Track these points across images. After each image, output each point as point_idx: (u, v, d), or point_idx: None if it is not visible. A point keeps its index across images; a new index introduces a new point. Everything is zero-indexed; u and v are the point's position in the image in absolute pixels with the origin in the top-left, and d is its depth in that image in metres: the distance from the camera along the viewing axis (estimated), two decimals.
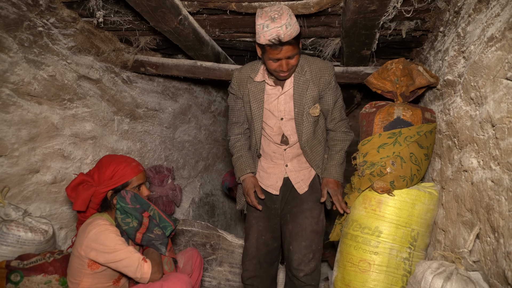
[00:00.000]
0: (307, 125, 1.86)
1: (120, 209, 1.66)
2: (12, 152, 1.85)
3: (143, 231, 1.67)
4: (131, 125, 2.92)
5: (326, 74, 1.82)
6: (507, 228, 1.15)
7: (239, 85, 1.90)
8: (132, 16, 2.22)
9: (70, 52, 2.22)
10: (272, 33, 1.53)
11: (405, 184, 1.78)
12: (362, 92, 4.36)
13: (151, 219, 1.71)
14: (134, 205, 1.67)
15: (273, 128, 1.90)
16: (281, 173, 1.98)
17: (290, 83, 1.83)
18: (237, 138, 2.03)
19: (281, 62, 1.64)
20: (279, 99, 1.85)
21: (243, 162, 1.97)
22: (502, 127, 1.22)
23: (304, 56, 1.85)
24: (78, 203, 1.63)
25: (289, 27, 1.53)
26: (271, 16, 1.53)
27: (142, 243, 1.69)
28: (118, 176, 1.69)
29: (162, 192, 3.09)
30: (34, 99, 1.97)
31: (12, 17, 1.82)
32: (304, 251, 1.84)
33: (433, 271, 1.24)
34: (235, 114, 2.00)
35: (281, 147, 1.94)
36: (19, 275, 1.57)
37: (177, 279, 1.60)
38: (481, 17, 1.46)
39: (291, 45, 1.58)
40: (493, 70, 1.30)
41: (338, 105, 1.93)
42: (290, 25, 1.54)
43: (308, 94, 1.82)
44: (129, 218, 1.66)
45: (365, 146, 1.91)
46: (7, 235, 1.66)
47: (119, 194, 1.68)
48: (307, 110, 1.83)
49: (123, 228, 1.65)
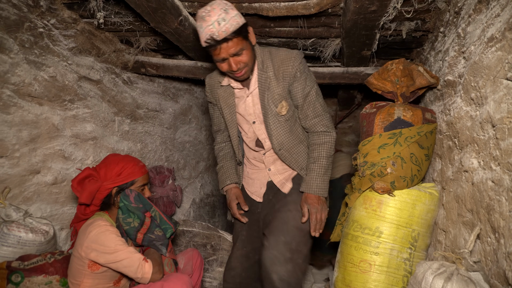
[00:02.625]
0: (278, 127, 1.68)
1: (123, 207, 1.66)
2: (13, 153, 1.85)
3: (144, 231, 1.68)
4: (131, 126, 2.92)
5: (289, 65, 1.61)
6: (507, 229, 1.15)
7: (211, 92, 1.81)
8: (132, 17, 2.23)
9: (70, 53, 2.22)
10: (206, 33, 1.41)
11: (406, 185, 1.78)
12: (362, 93, 4.36)
13: (152, 219, 1.72)
14: (137, 204, 1.69)
15: (248, 134, 1.78)
16: (264, 178, 1.84)
17: (255, 82, 1.68)
18: (220, 147, 1.94)
19: (229, 61, 1.50)
20: (246, 102, 1.72)
21: (224, 172, 1.87)
22: (503, 127, 1.22)
23: (268, 49, 1.68)
24: (84, 196, 1.64)
25: (223, 22, 1.40)
26: (201, 16, 1.43)
27: (143, 244, 1.69)
28: (126, 174, 1.72)
29: (162, 193, 3.09)
30: (35, 100, 1.97)
31: (12, 18, 1.82)
32: (282, 248, 1.56)
33: (433, 271, 1.24)
34: (215, 122, 1.90)
35: (260, 152, 1.80)
36: (20, 275, 1.57)
37: (177, 279, 1.60)
38: (481, 17, 1.46)
39: (231, 41, 1.44)
40: (493, 71, 1.30)
41: (310, 99, 1.67)
42: (224, 20, 1.40)
43: (271, 91, 1.65)
44: (131, 217, 1.67)
45: (366, 146, 1.90)
46: (8, 236, 1.66)
47: (123, 192, 1.70)
48: (273, 110, 1.66)
49: (124, 228, 1.66)
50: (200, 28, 1.44)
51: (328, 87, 3.77)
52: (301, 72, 1.64)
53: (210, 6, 1.44)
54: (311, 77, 1.70)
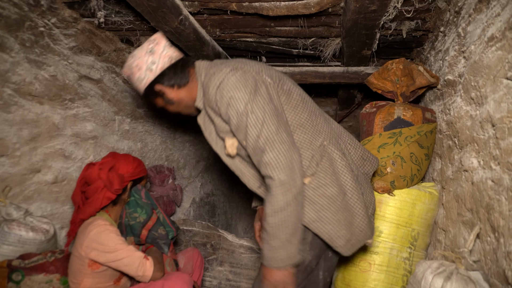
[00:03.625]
0: (241, 168, 1.37)
1: (133, 201, 1.74)
2: (14, 152, 1.85)
3: (149, 228, 1.72)
4: (132, 125, 2.92)
5: (212, 90, 1.23)
6: (507, 228, 1.15)
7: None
8: (133, 16, 2.23)
9: (71, 52, 2.22)
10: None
11: (406, 184, 1.78)
12: (362, 92, 4.36)
13: (158, 218, 1.76)
14: (147, 200, 1.79)
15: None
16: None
17: (200, 118, 1.45)
18: None
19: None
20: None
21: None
22: (503, 127, 1.22)
23: (213, 69, 1.30)
24: (112, 186, 1.70)
25: (137, 82, 1.39)
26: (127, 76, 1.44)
27: (146, 240, 1.72)
28: (139, 170, 1.83)
29: (162, 192, 3.09)
30: (36, 99, 1.97)
31: (13, 17, 1.82)
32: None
33: (433, 270, 1.24)
34: None
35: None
36: (21, 274, 1.57)
37: (178, 278, 1.60)
38: (481, 17, 1.46)
39: (149, 100, 1.44)
40: (494, 70, 1.31)
41: (241, 129, 1.19)
42: (139, 80, 1.38)
43: (210, 128, 1.38)
44: (137, 212, 1.72)
45: (366, 146, 1.91)
46: (8, 234, 1.66)
47: (135, 187, 1.80)
48: (222, 151, 1.37)
49: (129, 223, 1.69)
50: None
51: (328, 87, 3.78)
52: (220, 96, 1.20)
53: (128, 65, 1.42)
54: (241, 97, 1.18)
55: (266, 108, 1.17)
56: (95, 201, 1.68)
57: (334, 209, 1.25)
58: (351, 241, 1.28)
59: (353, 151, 1.41)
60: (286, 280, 1.17)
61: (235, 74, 1.21)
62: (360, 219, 1.28)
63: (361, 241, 1.31)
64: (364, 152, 1.45)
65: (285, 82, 1.33)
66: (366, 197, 1.36)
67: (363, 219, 1.29)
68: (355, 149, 1.42)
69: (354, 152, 1.41)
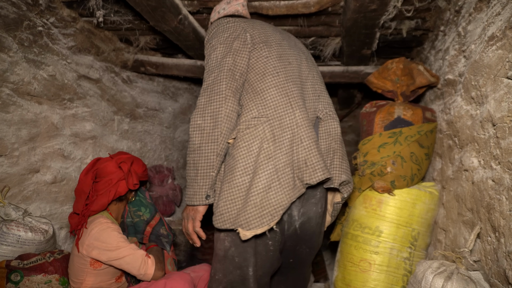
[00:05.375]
0: None
1: (138, 201, 1.81)
2: (12, 152, 1.85)
3: (153, 225, 1.77)
4: (131, 125, 2.92)
5: None
6: (507, 228, 1.15)
7: None
8: (132, 15, 2.22)
9: (70, 52, 2.21)
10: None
11: (406, 184, 1.78)
12: (362, 92, 4.35)
13: (160, 218, 1.86)
14: (151, 201, 1.88)
15: None
16: None
17: None
18: None
19: None
20: None
21: None
22: (503, 126, 1.22)
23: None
24: (131, 180, 1.73)
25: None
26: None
27: (150, 238, 1.74)
28: (146, 173, 1.89)
29: (162, 192, 3.09)
30: (34, 99, 1.97)
31: (12, 16, 1.81)
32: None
33: (433, 270, 1.24)
34: None
35: None
36: (19, 274, 1.57)
37: (180, 278, 1.60)
38: (481, 16, 1.46)
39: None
40: (494, 69, 1.30)
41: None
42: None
43: None
44: (141, 211, 1.78)
45: (366, 145, 1.90)
46: (7, 234, 1.65)
47: (140, 188, 1.87)
48: None
49: (134, 220, 1.75)
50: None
51: (328, 86, 3.76)
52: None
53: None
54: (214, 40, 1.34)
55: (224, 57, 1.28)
56: (107, 193, 1.67)
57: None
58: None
59: (301, 150, 1.26)
60: (193, 215, 1.29)
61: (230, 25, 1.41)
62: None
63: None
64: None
65: (267, 48, 1.36)
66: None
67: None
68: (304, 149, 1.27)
69: (302, 151, 1.26)
